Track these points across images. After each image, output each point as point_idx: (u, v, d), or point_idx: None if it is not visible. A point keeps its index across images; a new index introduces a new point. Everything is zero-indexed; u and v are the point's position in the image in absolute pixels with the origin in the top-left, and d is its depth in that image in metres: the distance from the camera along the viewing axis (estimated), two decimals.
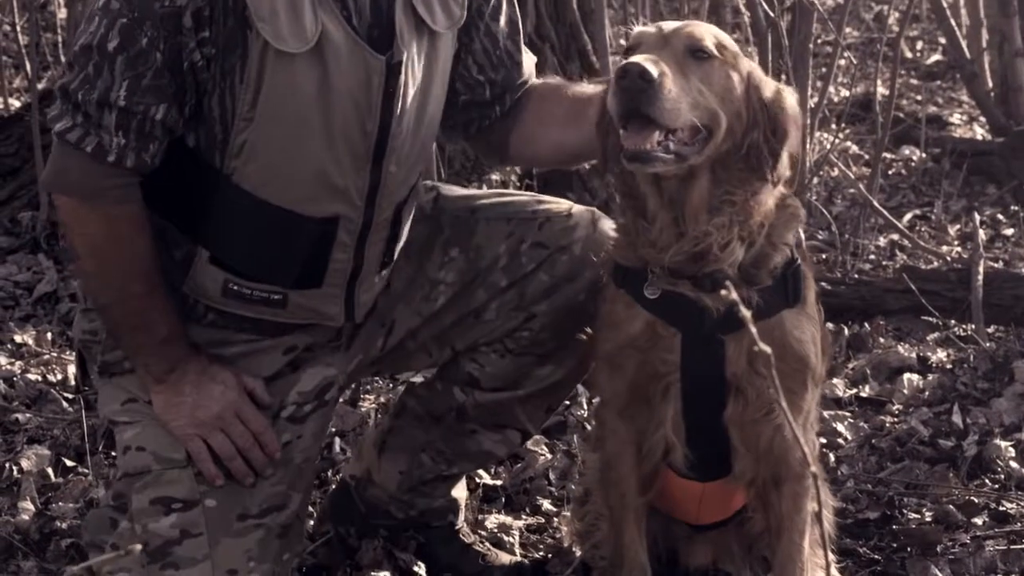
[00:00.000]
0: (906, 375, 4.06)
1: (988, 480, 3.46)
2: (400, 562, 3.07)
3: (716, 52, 2.45)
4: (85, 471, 3.47)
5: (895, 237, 5.30)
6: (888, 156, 6.30)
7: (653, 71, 2.33)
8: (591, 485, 2.91)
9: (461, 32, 2.73)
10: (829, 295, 4.28)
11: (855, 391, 4.03)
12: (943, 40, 7.58)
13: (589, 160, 2.92)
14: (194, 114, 2.51)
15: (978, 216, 5.15)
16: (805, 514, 2.68)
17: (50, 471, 3.46)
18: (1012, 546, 3.11)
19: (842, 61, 7.40)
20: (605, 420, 2.73)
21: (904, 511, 3.30)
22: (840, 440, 3.70)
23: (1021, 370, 3.96)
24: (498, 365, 2.91)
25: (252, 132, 2.49)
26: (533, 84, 2.89)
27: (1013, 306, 4.34)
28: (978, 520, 3.25)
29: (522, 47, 2.87)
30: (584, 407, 3.77)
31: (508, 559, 3.12)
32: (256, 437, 2.65)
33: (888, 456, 3.59)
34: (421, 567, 3.07)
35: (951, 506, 3.29)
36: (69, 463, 3.51)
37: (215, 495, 2.63)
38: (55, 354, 4.17)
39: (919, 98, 7.32)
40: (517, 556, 3.16)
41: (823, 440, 3.58)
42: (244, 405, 2.66)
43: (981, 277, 4.35)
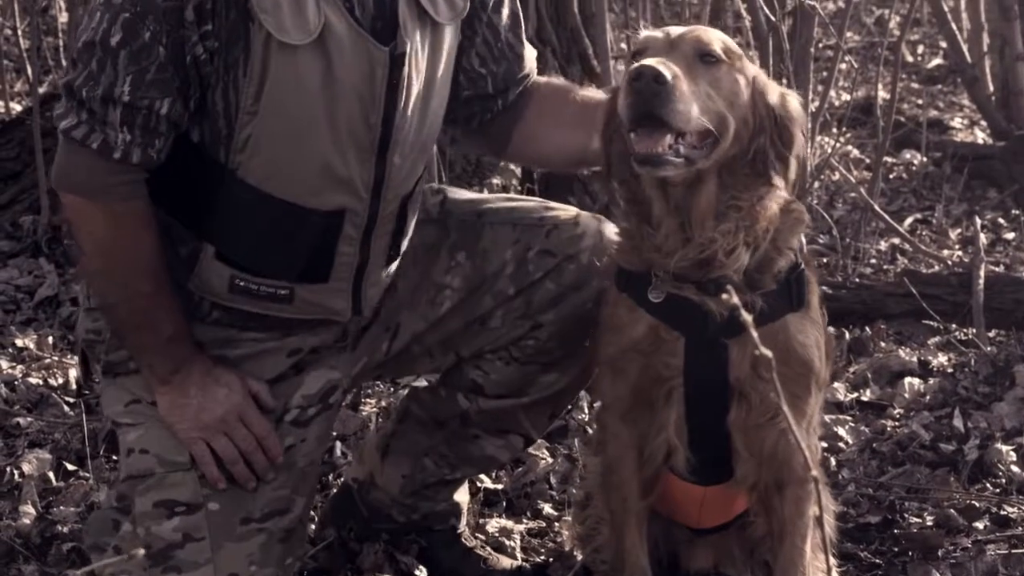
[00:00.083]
0: (907, 379, 4.06)
1: (989, 484, 3.46)
2: (401, 565, 3.08)
3: (724, 56, 2.45)
4: (86, 475, 3.47)
5: (896, 241, 5.30)
6: (889, 160, 6.29)
7: (667, 74, 2.33)
8: (592, 489, 2.90)
9: (464, 24, 2.72)
10: (830, 299, 4.26)
11: (856, 395, 4.03)
12: (944, 44, 7.58)
13: (590, 166, 2.91)
14: (198, 108, 2.50)
15: (979, 220, 5.14)
16: (807, 518, 2.67)
17: (51, 475, 3.46)
18: (1013, 550, 3.11)
19: (843, 65, 7.39)
20: (607, 424, 2.73)
21: (905, 515, 3.30)
22: (841, 444, 3.70)
23: (1022, 374, 3.95)
24: (503, 372, 2.90)
25: (256, 126, 2.49)
26: (537, 82, 2.89)
27: (1014, 310, 4.33)
28: (979, 524, 3.25)
29: (524, 40, 2.86)
30: (585, 411, 3.76)
31: (509, 563, 3.12)
32: (259, 441, 2.65)
33: (889, 460, 3.59)
34: (422, 571, 3.07)
35: (952, 510, 3.29)
36: (70, 467, 3.51)
37: (218, 499, 2.63)
38: (56, 358, 4.17)
39: (920, 102, 7.31)
40: (518, 560, 3.16)
41: (824, 444, 3.58)
42: (248, 409, 2.65)
43: (982, 281, 4.35)
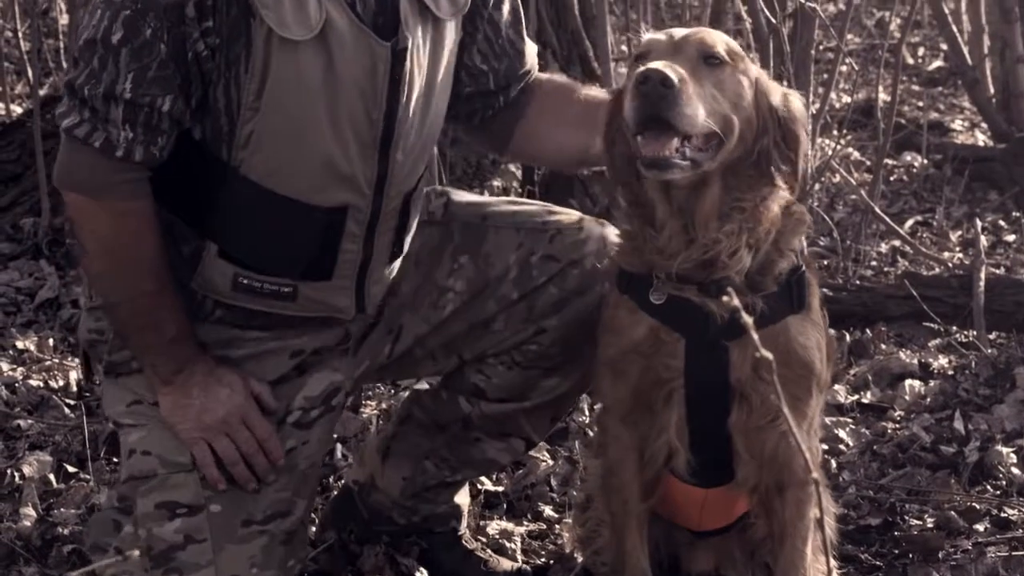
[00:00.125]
0: (908, 381, 4.06)
1: (990, 486, 3.46)
2: (402, 568, 3.08)
3: (728, 58, 2.45)
4: (87, 477, 3.46)
5: (897, 243, 5.30)
6: (890, 162, 6.30)
7: (674, 77, 2.33)
8: (593, 491, 2.90)
9: (465, 21, 2.72)
10: (831, 301, 4.27)
11: (857, 397, 4.03)
12: (945, 46, 7.58)
13: (591, 166, 2.90)
14: (200, 106, 2.50)
15: (980, 222, 5.15)
16: (808, 520, 2.67)
17: (52, 477, 3.46)
18: (1014, 552, 3.11)
19: (844, 67, 7.39)
20: (608, 426, 2.72)
21: (906, 517, 3.30)
22: (842, 446, 3.70)
23: (1023, 376, 3.96)
24: (505, 377, 2.90)
25: (258, 122, 2.48)
26: (539, 78, 2.89)
27: (1015, 312, 4.34)
28: (980, 526, 3.25)
29: (525, 36, 2.86)
30: (586, 413, 3.76)
31: (510, 565, 3.12)
32: (260, 443, 2.64)
33: (890, 462, 3.59)
34: (423, 573, 3.07)
35: (953, 512, 3.29)
36: (71, 469, 3.51)
37: (220, 500, 2.63)
38: (57, 360, 4.17)
39: (921, 104, 7.31)
40: (519, 562, 3.16)
41: (825, 446, 3.58)
42: (250, 410, 2.65)
43: (983, 283, 4.35)
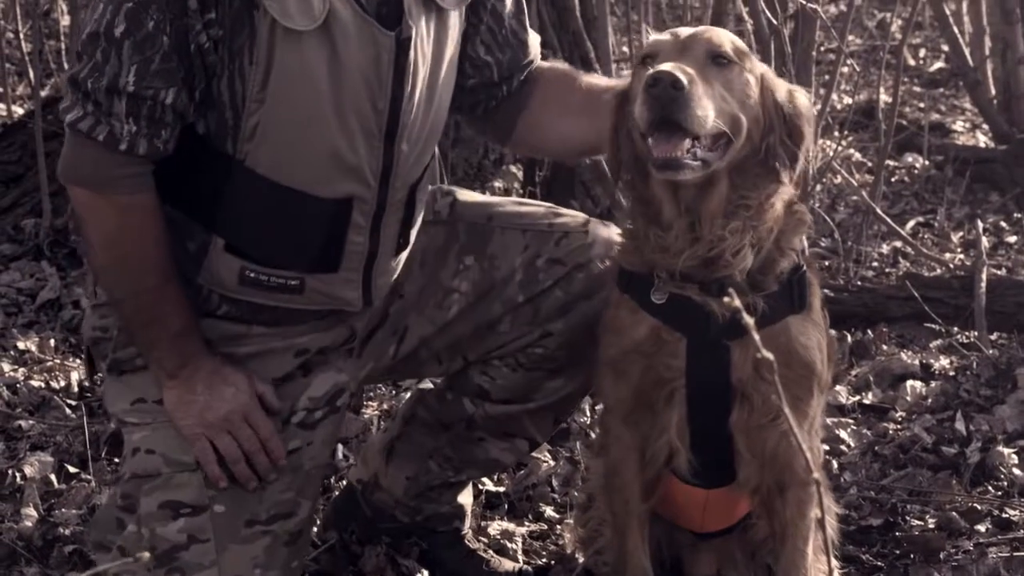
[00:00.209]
0: (909, 382, 4.06)
1: (991, 487, 3.46)
2: (403, 568, 3.08)
3: (735, 58, 2.46)
4: (88, 477, 3.46)
5: (898, 244, 5.30)
6: (891, 163, 6.30)
7: (684, 79, 2.33)
8: (594, 491, 2.90)
9: (468, 11, 2.72)
10: (832, 302, 4.26)
11: (858, 398, 4.03)
12: (946, 48, 7.59)
13: (593, 155, 2.89)
14: (203, 99, 2.50)
15: (981, 223, 5.15)
16: (809, 520, 2.67)
17: (53, 478, 3.46)
18: (1015, 553, 3.11)
19: (845, 68, 7.39)
20: (609, 426, 2.72)
21: (907, 518, 3.30)
22: (843, 447, 3.70)
23: None
24: (509, 378, 2.90)
25: (263, 114, 2.48)
26: (541, 68, 2.89)
27: (1016, 313, 4.34)
28: (981, 527, 3.25)
29: (527, 27, 2.86)
30: (587, 413, 3.76)
31: (511, 566, 3.12)
32: (262, 443, 2.64)
33: (891, 463, 3.59)
34: (424, 574, 3.07)
35: (954, 513, 3.29)
36: (72, 469, 3.51)
37: (224, 500, 2.62)
38: (58, 361, 4.17)
39: (922, 105, 7.31)
40: (520, 563, 3.16)
41: (826, 447, 3.58)
42: (254, 410, 2.64)
43: (984, 284, 4.35)
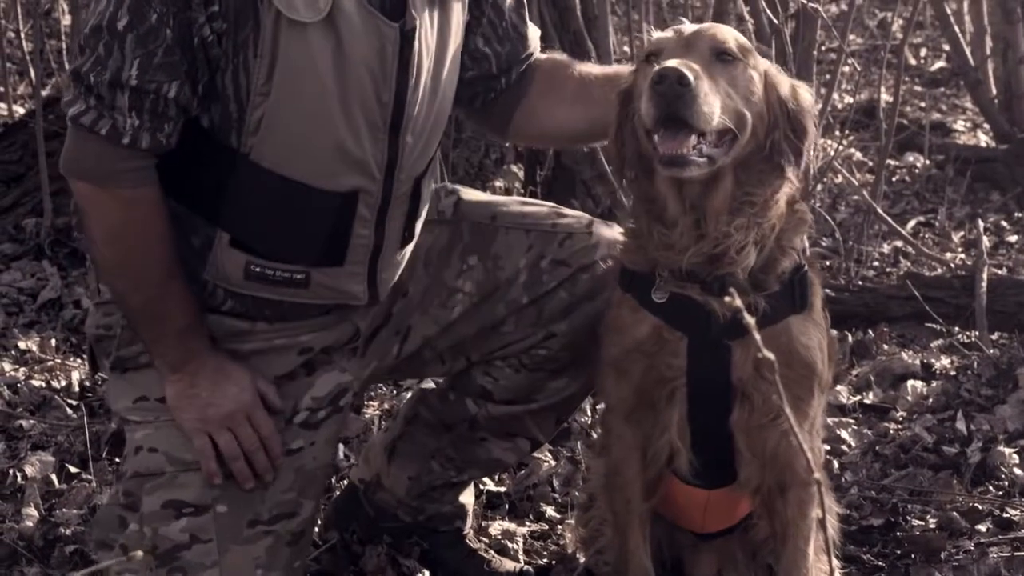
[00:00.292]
0: (910, 382, 4.06)
1: (992, 487, 3.46)
2: (404, 568, 3.08)
3: (739, 54, 2.46)
4: (89, 477, 3.47)
5: (899, 244, 5.30)
6: (892, 163, 6.30)
7: (690, 76, 2.33)
8: (595, 491, 2.90)
9: (471, 3, 2.72)
10: (833, 302, 4.26)
11: (859, 398, 4.03)
12: (947, 47, 7.58)
13: (591, 143, 2.89)
14: (207, 93, 2.49)
15: (982, 223, 5.15)
16: (810, 520, 2.67)
17: (54, 477, 3.46)
18: (1016, 553, 3.11)
19: (846, 68, 7.39)
20: (611, 426, 2.72)
21: (908, 518, 3.30)
22: (844, 447, 3.70)
23: None
24: (512, 379, 2.90)
25: (268, 107, 2.47)
26: (539, 59, 2.89)
27: (1017, 313, 4.34)
28: (982, 527, 3.25)
29: (527, 19, 2.86)
30: (588, 414, 3.76)
31: (512, 565, 3.12)
32: (263, 442, 2.64)
33: (892, 463, 3.59)
34: (425, 574, 3.07)
35: (955, 513, 3.29)
36: (73, 469, 3.51)
37: (227, 501, 2.62)
38: (59, 360, 4.17)
39: (923, 105, 7.31)
40: (521, 563, 3.16)
41: (827, 447, 3.58)
42: (256, 409, 2.64)
43: (985, 284, 4.35)
